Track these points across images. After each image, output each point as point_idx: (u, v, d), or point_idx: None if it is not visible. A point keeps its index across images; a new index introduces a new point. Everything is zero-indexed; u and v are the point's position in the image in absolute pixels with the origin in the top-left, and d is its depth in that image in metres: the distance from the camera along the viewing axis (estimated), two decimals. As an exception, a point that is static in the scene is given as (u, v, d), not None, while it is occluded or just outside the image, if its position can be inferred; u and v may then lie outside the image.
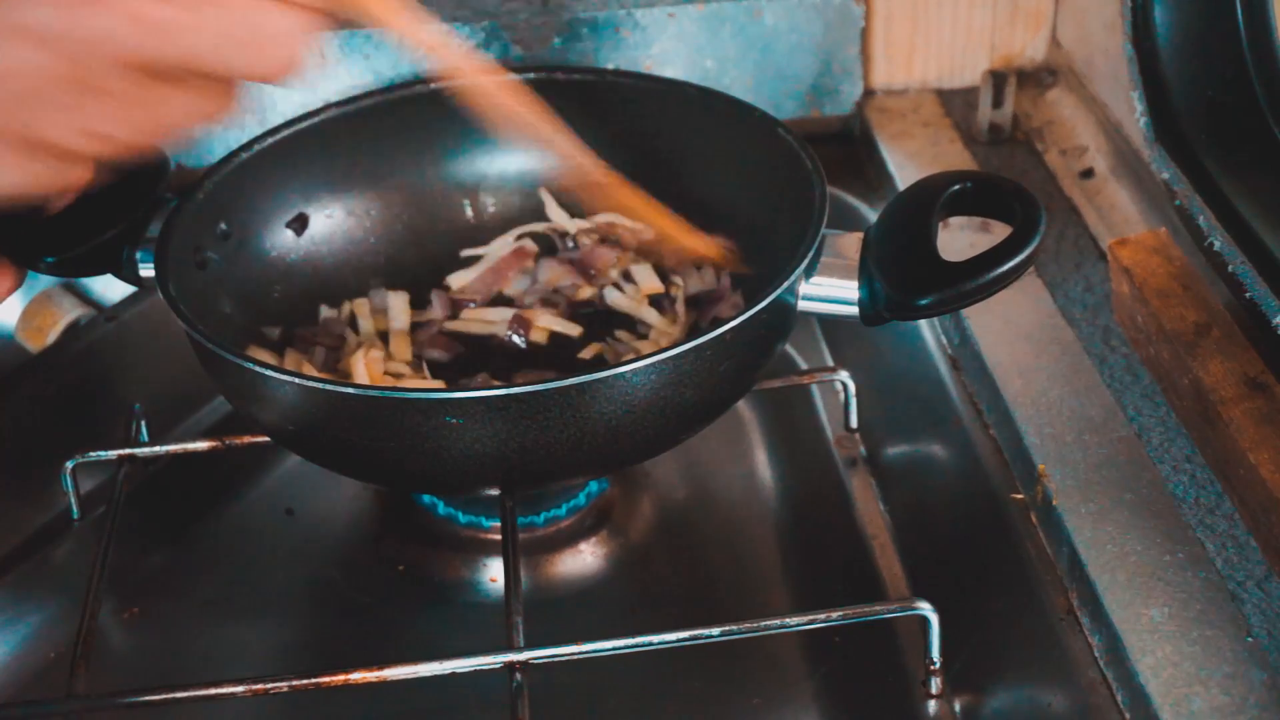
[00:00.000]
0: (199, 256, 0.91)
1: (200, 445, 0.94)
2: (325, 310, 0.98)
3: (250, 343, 0.93)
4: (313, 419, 0.79)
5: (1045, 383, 0.90)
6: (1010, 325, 0.95)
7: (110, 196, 0.83)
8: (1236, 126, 0.90)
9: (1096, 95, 1.12)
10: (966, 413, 0.94)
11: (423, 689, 0.79)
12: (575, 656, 0.78)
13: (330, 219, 1.01)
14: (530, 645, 0.77)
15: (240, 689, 0.76)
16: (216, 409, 1.06)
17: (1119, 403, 0.89)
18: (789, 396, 1.04)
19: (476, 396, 0.75)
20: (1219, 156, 0.89)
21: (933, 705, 0.82)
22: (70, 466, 0.93)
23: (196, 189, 0.91)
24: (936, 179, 0.84)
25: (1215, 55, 0.90)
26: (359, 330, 0.97)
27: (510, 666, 0.77)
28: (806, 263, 0.82)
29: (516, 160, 1.04)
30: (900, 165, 1.11)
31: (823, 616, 0.80)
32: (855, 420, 1.01)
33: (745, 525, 0.97)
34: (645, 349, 0.95)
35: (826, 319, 0.85)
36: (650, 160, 1.01)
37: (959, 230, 1.03)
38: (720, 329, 0.78)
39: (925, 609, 0.79)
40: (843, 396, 1.00)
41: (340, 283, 1.00)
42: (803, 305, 0.83)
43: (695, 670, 0.85)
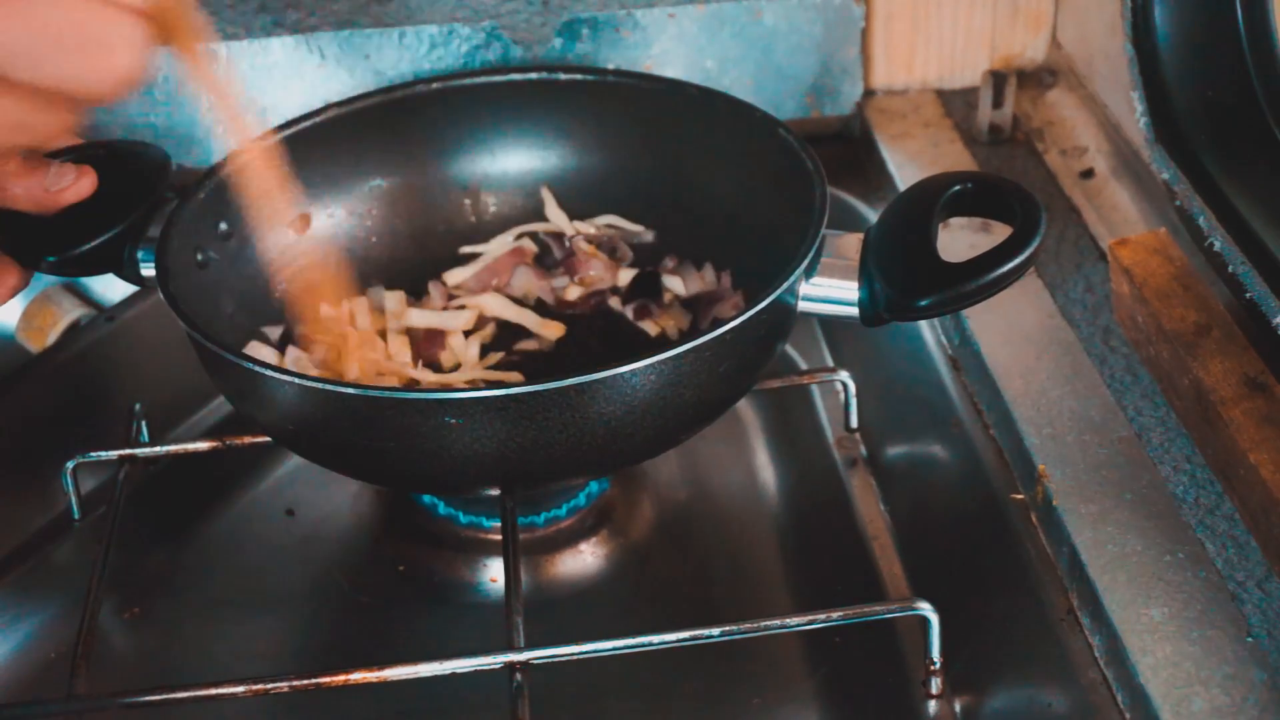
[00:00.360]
0: (200, 256, 0.91)
1: (200, 445, 0.94)
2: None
3: (251, 341, 0.93)
4: (312, 419, 0.79)
5: (1045, 383, 0.90)
6: (1010, 325, 0.95)
7: (112, 196, 0.83)
8: (1237, 127, 0.90)
9: (1097, 95, 1.12)
10: (967, 413, 0.94)
11: (423, 689, 0.79)
12: (575, 657, 0.78)
13: (331, 218, 1.01)
14: (530, 645, 0.77)
15: (240, 689, 0.76)
16: (216, 409, 1.06)
17: (1119, 403, 0.89)
18: (789, 396, 1.04)
19: (475, 397, 0.75)
20: (1219, 157, 0.89)
21: (933, 705, 0.82)
22: (70, 466, 0.93)
23: (197, 188, 0.90)
24: (937, 180, 0.84)
25: (1215, 56, 0.90)
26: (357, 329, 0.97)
27: (510, 667, 0.77)
28: (807, 263, 0.82)
29: (518, 160, 1.04)
30: (900, 165, 1.11)
31: (823, 616, 0.80)
32: (855, 420, 1.01)
33: (745, 525, 0.97)
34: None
35: (826, 319, 0.85)
36: (651, 160, 1.01)
37: (959, 230, 1.03)
38: (720, 329, 0.77)
39: (925, 609, 0.79)
40: (843, 397, 1.00)
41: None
42: (802, 306, 0.83)
43: (695, 670, 0.85)
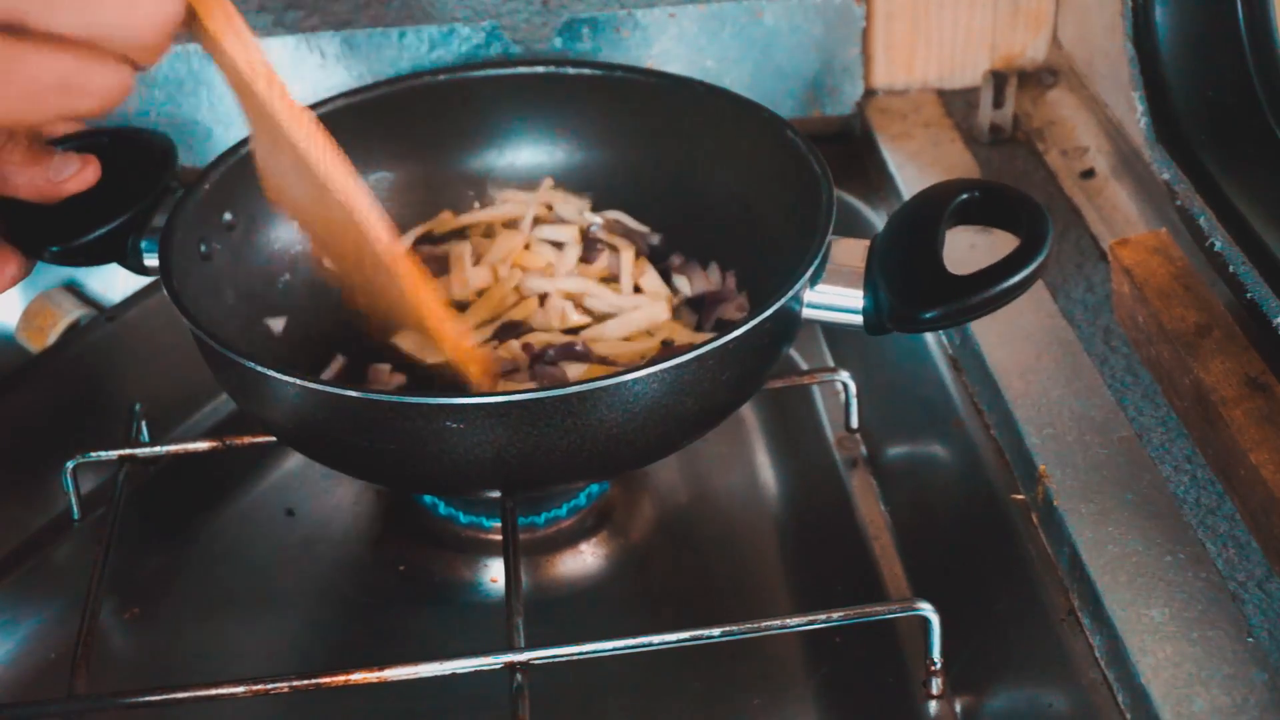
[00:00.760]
0: (204, 247, 0.90)
1: (200, 445, 0.94)
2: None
3: (252, 334, 0.93)
4: (313, 418, 0.79)
5: (1046, 383, 0.90)
6: (1011, 326, 0.94)
7: (116, 185, 0.83)
8: (1237, 127, 0.90)
9: (1097, 95, 1.12)
10: (967, 413, 0.94)
11: (423, 689, 0.79)
12: (576, 657, 0.78)
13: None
14: (531, 646, 0.77)
15: (240, 689, 0.76)
16: (217, 409, 1.06)
17: (1120, 403, 0.89)
18: (790, 397, 1.04)
19: (476, 403, 0.75)
20: (1220, 157, 0.89)
21: (933, 706, 0.82)
22: (70, 467, 0.93)
23: (202, 179, 0.90)
24: (944, 187, 0.83)
25: (1216, 55, 0.90)
26: None
27: (511, 667, 0.76)
28: (812, 271, 0.81)
29: (524, 154, 1.04)
30: (901, 165, 1.11)
31: (823, 617, 0.80)
32: (856, 420, 1.00)
33: (746, 526, 0.97)
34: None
35: (830, 327, 0.85)
36: (656, 157, 1.00)
37: (959, 229, 1.03)
38: (723, 339, 0.77)
39: (926, 609, 0.79)
40: (843, 397, 1.00)
41: None
42: (806, 313, 0.83)
43: (695, 670, 0.85)
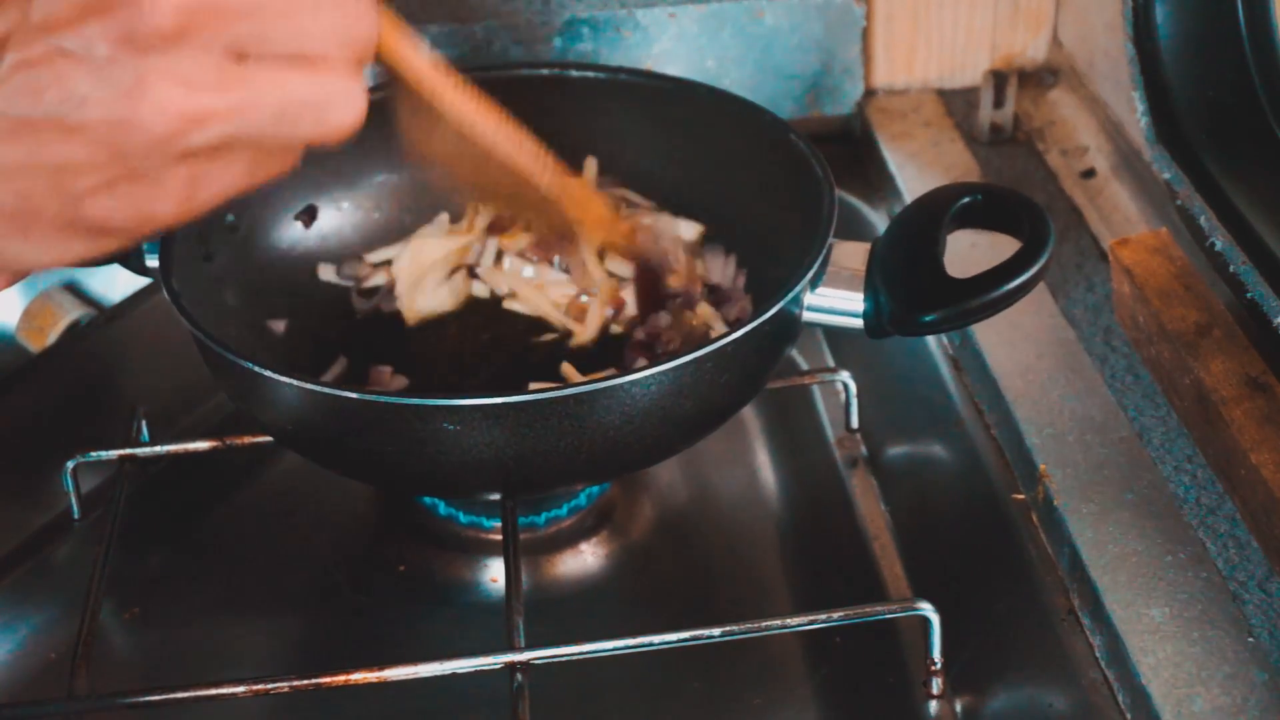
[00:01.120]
0: (205, 249, 0.90)
1: (200, 445, 0.94)
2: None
3: (256, 337, 0.93)
4: (310, 420, 0.79)
5: (1046, 383, 0.90)
6: (1011, 326, 0.94)
7: None
8: (1238, 126, 0.90)
9: (1098, 95, 1.12)
10: (968, 413, 0.94)
11: (423, 689, 0.79)
12: (576, 657, 0.78)
13: (340, 211, 1.00)
14: (531, 645, 0.77)
15: (241, 689, 0.76)
16: (217, 409, 1.05)
17: (1120, 403, 0.89)
18: (790, 396, 1.04)
19: (472, 404, 0.75)
20: (1220, 157, 0.89)
21: (934, 706, 0.82)
22: (71, 466, 0.93)
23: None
24: (946, 191, 0.83)
25: (1217, 55, 0.90)
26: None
27: (511, 667, 0.76)
28: (812, 273, 0.81)
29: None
30: (901, 165, 1.11)
31: (823, 616, 0.80)
32: (856, 420, 1.00)
33: (746, 525, 0.97)
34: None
35: (830, 329, 0.85)
36: (659, 159, 1.00)
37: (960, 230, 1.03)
38: (721, 341, 0.77)
39: (926, 609, 0.79)
40: (844, 397, 1.00)
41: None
42: (806, 316, 0.83)
43: (695, 670, 0.85)
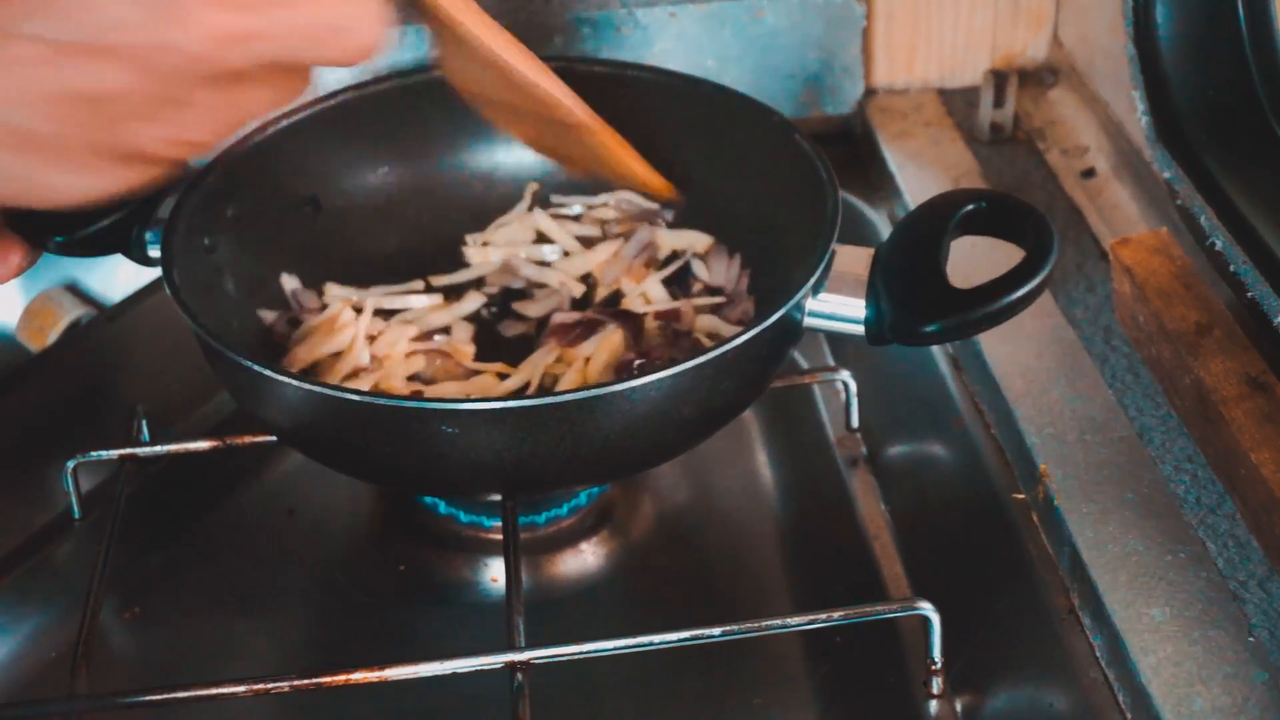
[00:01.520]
0: (207, 240, 0.90)
1: (201, 445, 0.94)
2: (334, 289, 0.97)
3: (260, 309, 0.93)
4: (312, 420, 0.79)
5: (1046, 382, 0.90)
6: (1011, 325, 0.94)
7: None
8: (1238, 126, 0.90)
9: (1098, 94, 1.12)
10: (968, 412, 0.94)
11: (424, 689, 0.79)
12: (576, 656, 0.78)
13: (342, 203, 1.00)
14: (531, 645, 0.77)
15: (241, 689, 0.76)
16: (217, 409, 1.05)
17: (1120, 402, 0.89)
18: (790, 396, 1.04)
19: (470, 409, 0.75)
20: (1221, 156, 0.89)
21: (934, 705, 0.82)
22: (71, 466, 0.93)
23: (208, 172, 0.90)
24: (950, 198, 0.83)
25: (1217, 54, 0.90)
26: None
27: (511, 666, 0.76)
28: (814, 280, 0.81)
29: (529, 152, 1.02)
30: (901, 165, 1.11)
31: (823, 616, 0.80)
32: (856, 420, 1.00)
33: (746, 525, 0.97)
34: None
35: (831, 335, 0.84)
36: (664, 155, 0.98)
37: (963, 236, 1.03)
38: (722, 348, 0.76)
39: (926, 609, 0.79)
40: (844, 396, 1.00)
41: (351, 269, 0.98)
42: (808, 322, 0.82)
43: (695, 670, 0.85)
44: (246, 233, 0.93)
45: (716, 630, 0.78)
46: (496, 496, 0.86)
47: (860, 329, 0.82)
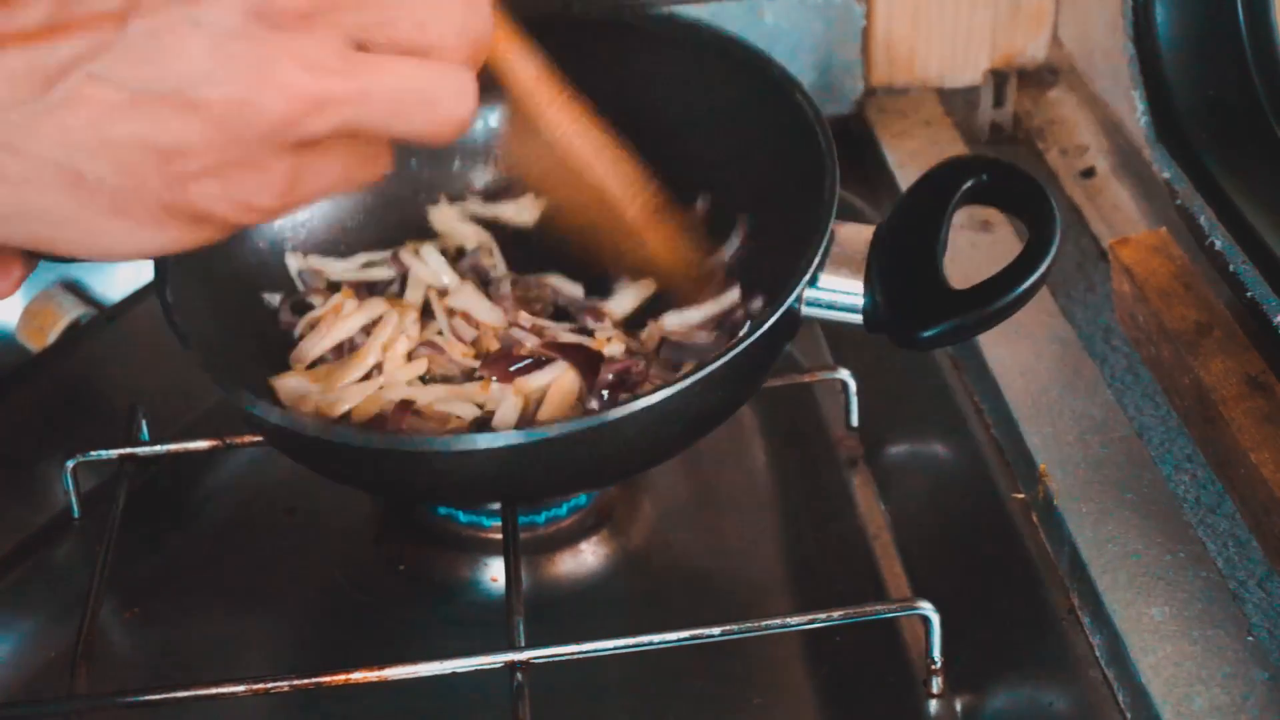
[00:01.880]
0: None
1: (200, 445, 0.94)
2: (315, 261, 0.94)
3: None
4: (305, 447, 0.80)
5: (1046, 382, 0.90)
6: (1011, 325, 0.94)
7: None
8: (1238, 125, 0.90)
9: (1098, 94, 1.12)
10: (968, 412, 0.94)
11: (423, 689, 0.79)
12: (576, 656, 0.78)
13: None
14: (531, 645, 0.77)
15: (241, 689, 0.76)
16: (217, 409, 1.05)
17: (1120, 402, 0.89)
18: (789, 396, 1.04)
19: (459, 450, 0.75)
20: (1220, 156, 0.89)
21: (934, 705, 0.81)
22: (70, 466, 0.93)
23: None
24: (952, 172, 0.81)
25: (1216, 54, 0.90)
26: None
27: (511, 666, 0.76)
28: (813, 270, 0.79)
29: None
30: (901, 164, 1.11)
31: (823, 616, 0.80)
32: (856, 419, 1.00)
33: (746, 525, 0.97)
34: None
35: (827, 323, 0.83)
36: (655, 112, 0.94)
37: (960, 230, 1.03)
38: (712, 366, 0.75)
39: (926, 609, 0.79)
40: (844, 395, 1.00)
41: (337, 242, 0.97)
42: (805, 311, 0.81)
43: (695, 670, 0.85)
44: None
45: (716, 630, 0.78)
46: (496, 505, 0.86)
47: (858, 318, 0.81)
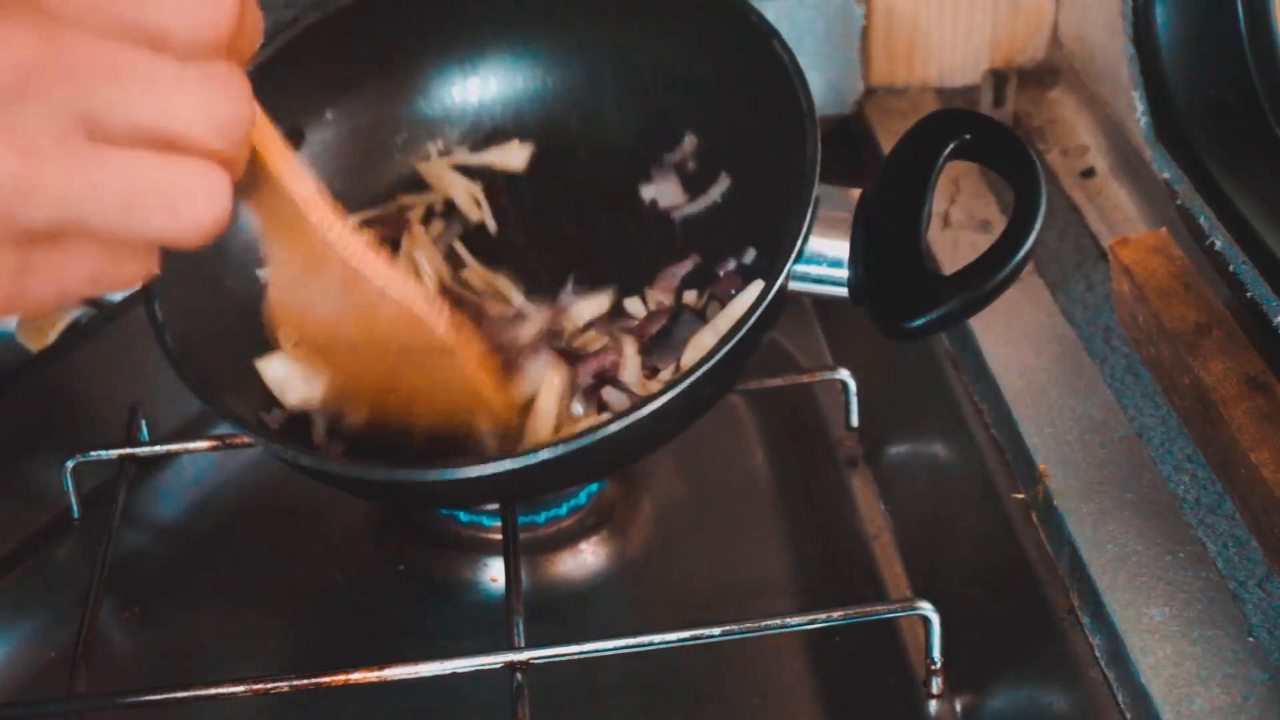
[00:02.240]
0: None
1: (200, 445, 0.94)
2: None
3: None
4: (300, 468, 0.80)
5: (1046, 382, 0.90)
6: (1011, 325, 0.94)
7: None
8: (1237, 126, 0.90)
9: (1097, 94, 1.12)
10: (968, 412, 0.94)
11: (423, 689, 0.79)
12: (576, 656, 0.78)
13: (329, 128, 0.94)
14: (531, 645, 0.77)
15: (240, 689, 0.76)
16: (217, 408, 1.06)
17: (1120, 402, 0.89)
18: (789, 396, 1.04)
19: (452, 479, 0.75)
20: (1220, 156, 0.89)
21: (934, 705, 0.82)
22: (70, 466, 0.93)
23: None
24: (936, 128, 0.79)
25: (1216, 54, 0.90)
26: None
27: (511, 666, 0.76)
28: (798, 248, 0.78)
29: (526, 50, 0.95)
30: (901, 164, 1.11)
31: (823, 616, 0.80)
32: (856, 419, 1.00)
33: (746, 525, 0.97)
34: None
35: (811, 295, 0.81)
36: (630, 61, 0.93)
37: (960, 230, 1.03)
38: (697, 374, 0.75)
39: (926, 609, 0.79)
40: (843, 395, 1.00)
41: (354, 194, 0.94)
42: (792, 286, 0.79)
43: (695, 670, 0.85)
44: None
45: (716, 630, 0.78)
46: (494, 506, 0.87)
47: (843, 291, 0.79)
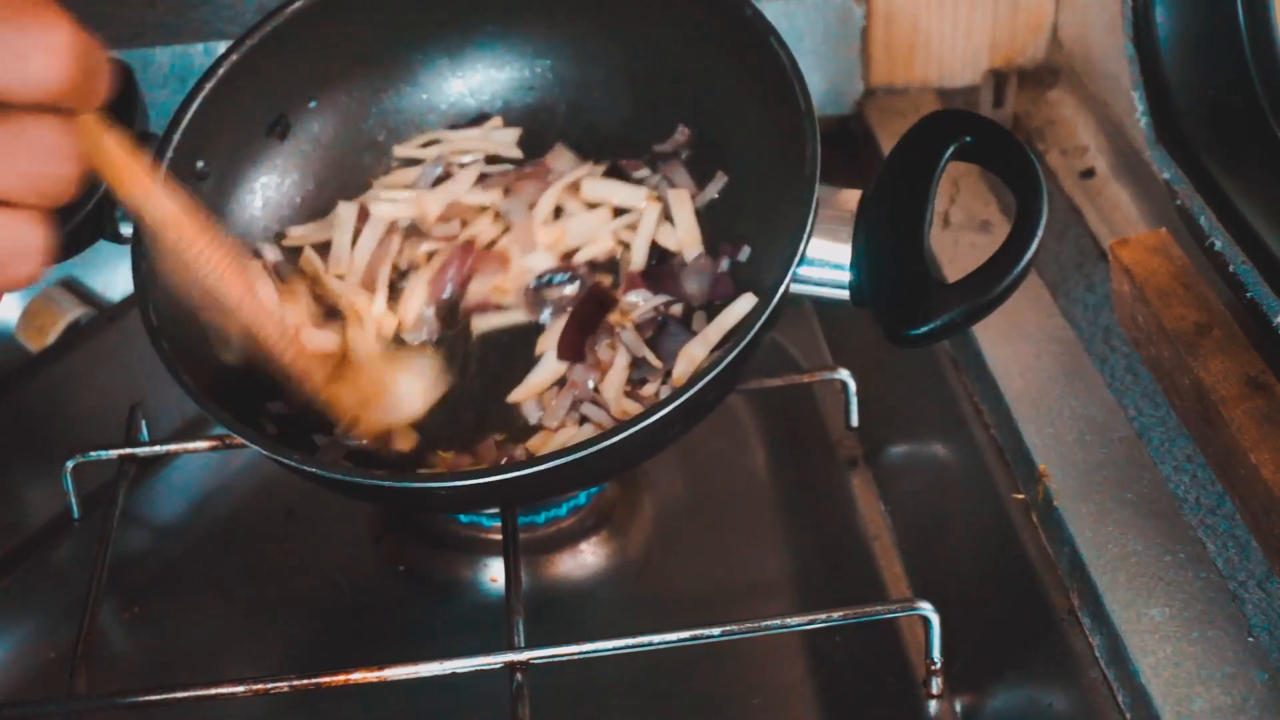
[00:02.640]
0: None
1: (200, 445, 0.94)
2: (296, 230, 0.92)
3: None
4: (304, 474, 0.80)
5: (1046, 383, 0.90)
6: (1011, 325, 0.94)
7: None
8: (1237, 126, 0.90)
9: (1097, 95, 1.12)
10: (968, 412, 0.94)
11: (423, 689, 0.79)
12: (575, 656, 0.78)
13: (316, 116, 0.94)
14: (531, 645, 0.77)
15: (240, 689, 0.76)
16: (217, 409, 1.06)
17: (1120, 403, 0.89)
18: (789, 396, 1.04)
19: (450, 487, 0.76)
20: (1220, 156, 0.89)
21: (934, 705, 0.82)
22: (70, 466, 0.93)
23: (165, 142, 0.85)
24: (936, 130, 0.79)
25: (1216, 55, 0.90)
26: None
27: (511, 666, 0.77)
28: (800, 254, 0.78)
29: (515, 37, 0.96)
30: (901, 165, 1.11)
31: (823, 616, 0.80)
32: (856, 419, 1.00)
33: (746, 525, 0.97)
34: None
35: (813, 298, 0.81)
36: (628, 54, 0.93)
37: (960, 231, 1.03)
38: (697, 386, 0.75)
39: (926, 609, 0.79)
40: (843, 395, 1.00)
41: (338, 185, 0.95)
42: (793, 288, 0.79)
43: (695, 670, 0.85)
44: (216, 188, 0.89)
45: (716, 630, 0.78)
46: (495, 510, 0.87)
47: (844, 294, 0.79)
